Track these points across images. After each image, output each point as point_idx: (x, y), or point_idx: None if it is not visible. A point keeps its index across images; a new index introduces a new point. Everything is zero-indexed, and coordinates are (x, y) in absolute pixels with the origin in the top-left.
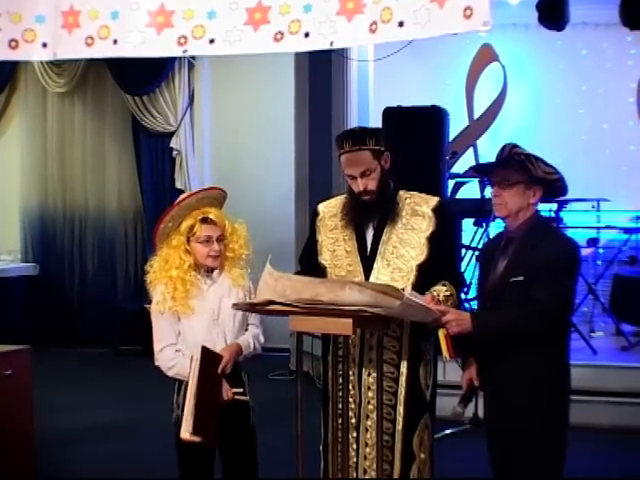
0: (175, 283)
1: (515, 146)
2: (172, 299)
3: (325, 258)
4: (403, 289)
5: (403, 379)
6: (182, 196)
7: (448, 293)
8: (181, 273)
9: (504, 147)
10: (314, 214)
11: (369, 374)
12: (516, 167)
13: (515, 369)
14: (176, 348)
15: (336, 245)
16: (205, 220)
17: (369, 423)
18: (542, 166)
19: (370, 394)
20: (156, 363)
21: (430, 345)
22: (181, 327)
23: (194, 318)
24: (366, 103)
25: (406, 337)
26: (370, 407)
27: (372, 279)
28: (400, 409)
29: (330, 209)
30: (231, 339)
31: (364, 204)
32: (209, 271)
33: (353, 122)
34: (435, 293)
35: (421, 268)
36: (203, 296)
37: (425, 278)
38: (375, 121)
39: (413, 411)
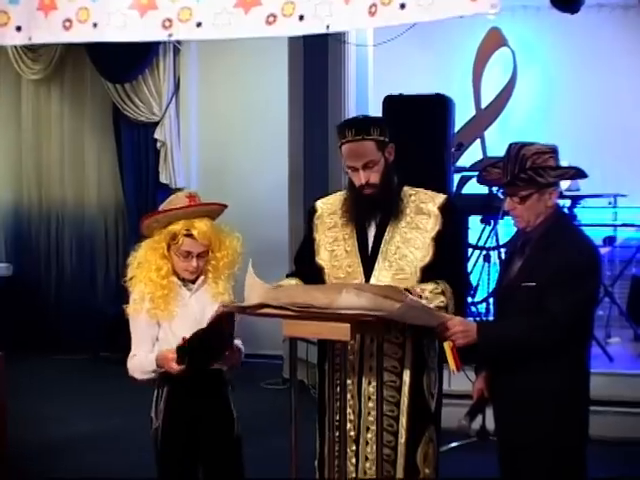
0: (155, 286)
1: (522, 146)
2: (151, 300)
3: (323, 258)
4: (407, 289)
5: (406, 388)
6: (177, 200)
7: (438, 290)
8: (159, 278)
9: (509, 148)
10: (311, 211)
11: (369, 383)
12: (524, 182)
13: (528, 380)
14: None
15: (335, 245)
16: (189, 235)
17: (369, 436)
18: (552, 173)
19: (370, 404)
20: (128, 371)
21: (434, 352)
22: (161, 332)
23: (176, 324)
24: (365, 91)
25: (409, 344)
26: (370, 418)
27: (373, 281)
28: (403, 421)
29: (329, 206)
30: None
31: (365, 199)
32: (189, 280)
33: (351, 111)
34: (419, 289)
35: (426, 271)
36: (184, 302)
37: (429, 281)
38: (375, 110)
39: (417, 423)
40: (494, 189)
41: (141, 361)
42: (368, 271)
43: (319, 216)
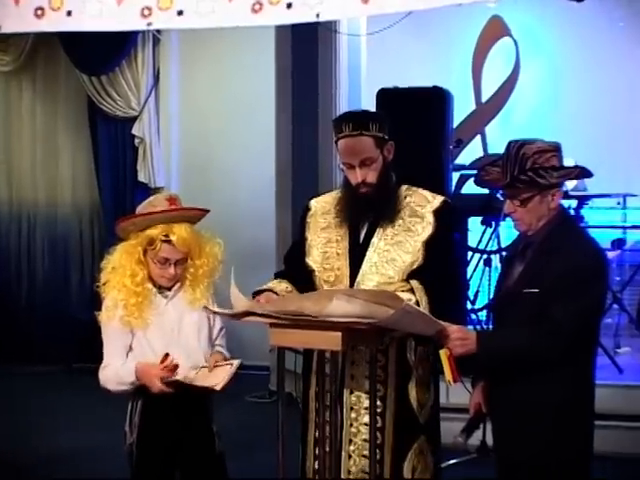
0: (129, 292)
1: (523, 144)
2: (124, 307)
3: (314, 260)
4: (410, 289)
5: (392, 398)
6: (157, 202)
7: (405, 288)
8: (133, 285)
9: (509, 146)
10: (305, 210)
11: (351, 392)
12: (525, 184)
13: (528, 391)
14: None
15: (328, 246)
16: (168, 240)
17: (352, 448)
18: (555, 173)
19: (353, 415)
20: (100, 382)
21: (426, 360)
22: (136, 342)
23: (151, 332)
24: (358, 83)
25: (392, 350)
26: (353, 430)
27: (357, 286)
28: (389, 431)
29: (323, 205)
30: (194, 361)
31: (361, 198)
32: (166, 287)
33: (343, 105)
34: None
35: (413, 276)
36: (160, 311)
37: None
38: (368, 104)
39: (403, 434)
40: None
41: (116, 371)
42: (354, 275)
43: (312, 215)
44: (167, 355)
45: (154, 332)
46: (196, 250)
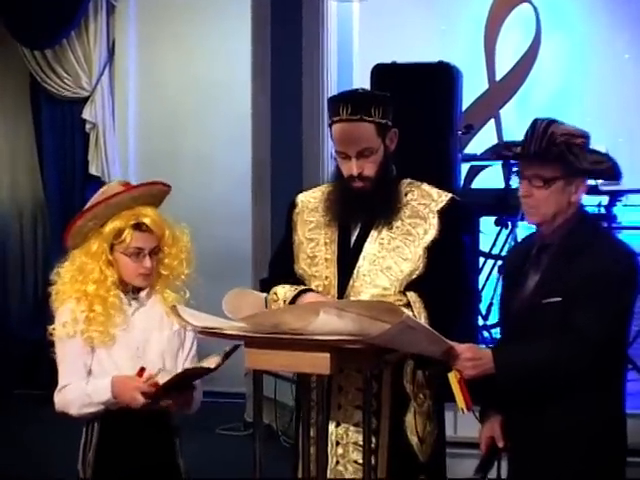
0: (92, 302)
1: (551, 122)
2: (87, 321)
3: (302, 266)
4: (407, 303)
5: (386, 432)
6: (112, 189)
7: (402, 302)
8: (102, 291)
9: (535, 124)
10: (291, 206)
11: (337, 424)
12: (554, 159)
13: (551, 422)
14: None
15: (316, 250)
16: (138, 226)
17: None
18: (588, 156)
19: (340, 451)
20: (56, 406)
21: (427, 385)
22: (96, 361)
23: (116, 350)
24: (349, 58)
25: (387, 375)
26: (340, 468)
27: (348, 298)
28: (382, 470)
29: (311, 200)
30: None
31: (354, 194)
32: (135, 290)
33: (332, 84)
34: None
35: (412, 288)
36: (127, 323)
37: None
38: (361, 82)
39: (399, 475)
40: (513, 183)
41: (83, 390)
42: (344, 285)
43: (298, 212)
44: (143, 369)
45: (120, 349)
46: (169, 235)
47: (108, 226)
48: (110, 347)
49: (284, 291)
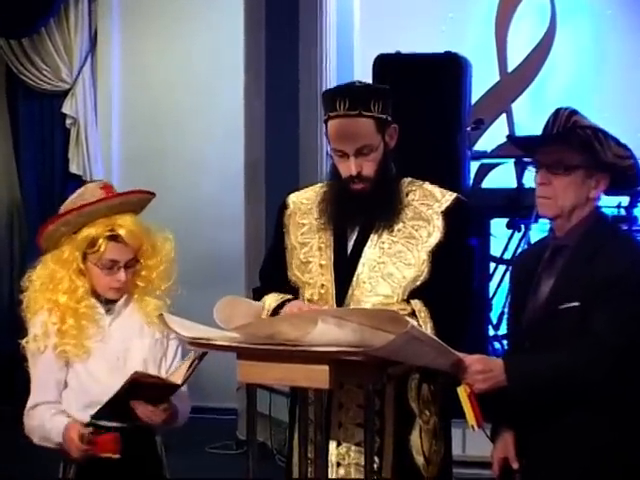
0: (64, 314)
1: (574, 112)
2: (59, 333)
3: (295, 272)
4: (412, 312)
5: (389, 451)
6: (90, 192)
7: (406, 312)
8: (72, 302)
9: (557, 112)
10: (282, 208)
11: (338, 444)
12: (577, 145)
13: (569, 437)
14: (55, 408)
15: (310, 255)
16: (114, 237)
17: None
18: (613, 146)
19: (341, 471)
20: (25, 428)
21: (433, 401)
22: (73, 375)
23: (93, 364)
24: (350, 48)
25: (390, 390)
26: None
27: (348, 307)
28: None
29: (303, 201)
30: None
31: (353, 195)
32: (110, 300)
33: (331, 77)
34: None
35: (416, 296)
36: (103, 334)
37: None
38: (363, 73)
39: None
40: (526, 182)
41: (43, 422)
42: (342, 293)
43: (290, 215)
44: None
45: (96, 363)
46: (147, 246)
47: (82, 233)
48: (86, 360)
49: (269, 301)
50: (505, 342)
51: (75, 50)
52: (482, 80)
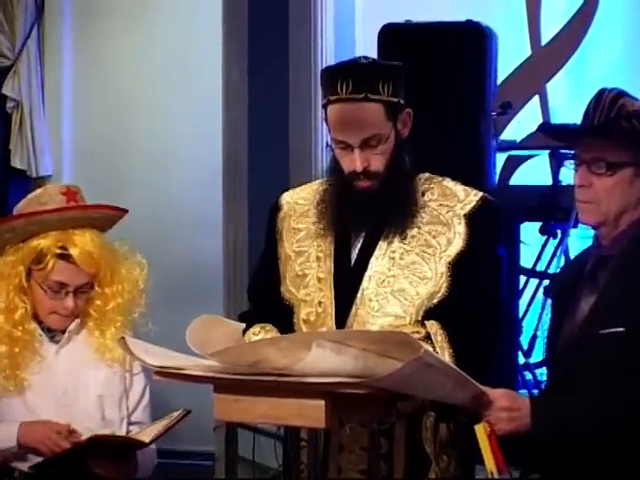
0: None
1: (621, 94)
2: None
3: (290, 288)
4: (427, 335)
5: None
6: (48, 196)
7: (421, 335)
8: (8, 325)
9: (601, 94)
10: (274, 210)
11: None
12: (622, 139)
13: None
14: None
15: (306, 266)
16: (65, 256)
17: None
18: None
19: None
20: None
21: (449, 442)
22: (7, 408)
23: (33, 398)
24: (351, 17)
25: (401, 429)
26: None
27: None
28: None
29: (299, 202)
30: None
31: (358, 195)
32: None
33: (328, 52)
34: None
35: (433, 316)
36: (48, 363)
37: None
38: (367, 47)
39: None
40: (564, 179)
41: None
42: (343, 314)
43: (284, 218)
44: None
45: (38, 397)
46: (107, 272)
47: (30, 244)
48: (22, 394)
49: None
50: (538, 372)
51: (18, 20)
52: (510, 55)
